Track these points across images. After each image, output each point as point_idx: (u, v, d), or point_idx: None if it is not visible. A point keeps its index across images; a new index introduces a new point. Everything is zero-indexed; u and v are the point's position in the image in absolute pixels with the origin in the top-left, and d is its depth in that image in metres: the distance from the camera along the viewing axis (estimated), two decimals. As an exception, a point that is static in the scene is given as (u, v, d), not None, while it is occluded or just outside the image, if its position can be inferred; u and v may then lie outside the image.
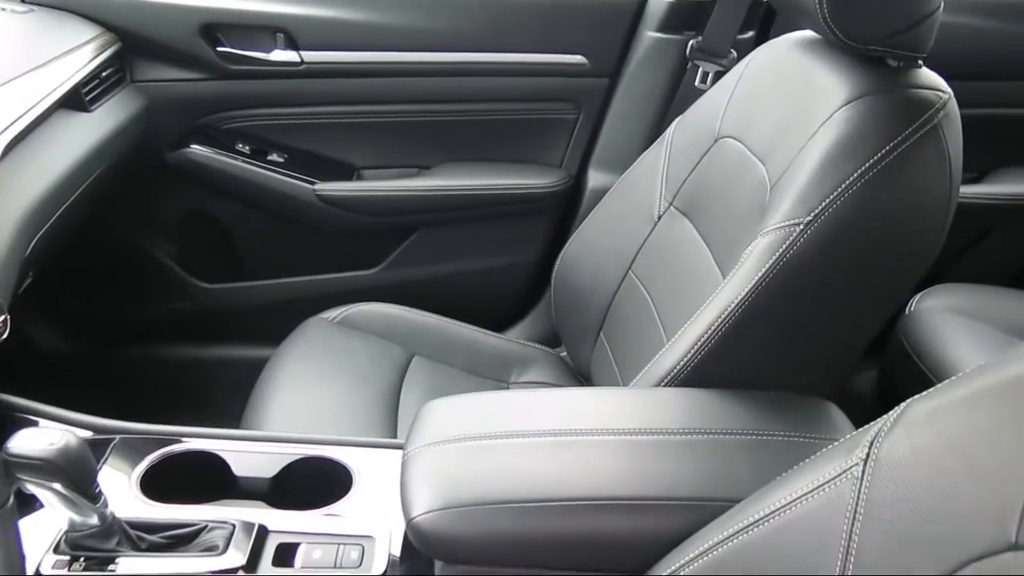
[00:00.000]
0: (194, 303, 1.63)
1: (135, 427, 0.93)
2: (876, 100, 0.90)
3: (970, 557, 0.52)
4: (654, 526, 0.73)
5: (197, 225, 1.60)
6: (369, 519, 0.84)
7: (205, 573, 0.76)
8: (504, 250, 1.66)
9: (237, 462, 0.91)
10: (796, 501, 0.63)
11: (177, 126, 1.51)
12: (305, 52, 1.49)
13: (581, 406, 0.88)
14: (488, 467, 0.78)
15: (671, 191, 1.22)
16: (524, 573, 0.76)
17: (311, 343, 1.32)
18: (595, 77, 1.56)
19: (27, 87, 1.12)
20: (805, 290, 0.89)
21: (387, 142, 1.60)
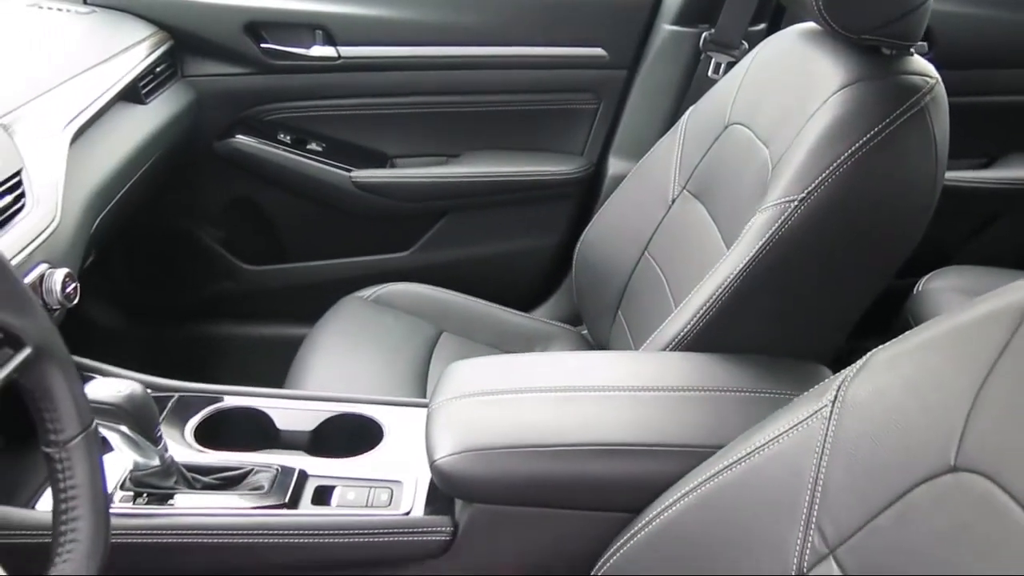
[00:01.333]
0: (238, 284, 1.72)
1: (189, 386, 1.03)
2: (867, 85, 0.96)
3: (916, 480, 0.59)
4: (650, 470, 0.81)
5: (241, 210, 1.69)
6: (397, 467, 0.93)
7: (252, 509, 0.85)
8: (528, 233, 1.72)
9: (280, 417, 1.00)
10: (773, 440, 0.71)
11: (223, 118, 1.60)
12: (342, 48, 1.57)
13: (590, 367, 0.96)
14: (504, 416, 0.86)
15: (684, 175, 1.28)
16: (534, 511, 0.84)
17: (347, 319, 1.41)
18: (614, 69, 1.62)
19: (91, 81, 1.22)
20: (799, 261, 0.95)
21: (418, 131, 1.67)
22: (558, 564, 0.84)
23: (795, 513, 0.66)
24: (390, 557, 0.85)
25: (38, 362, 0.60)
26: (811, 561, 0.65)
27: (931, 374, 0.61)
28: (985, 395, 0.56)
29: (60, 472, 0.60)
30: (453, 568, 0.86)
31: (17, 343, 0.59)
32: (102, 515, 0.61)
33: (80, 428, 0.61)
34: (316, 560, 0.84)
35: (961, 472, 0.56)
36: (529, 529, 0.84)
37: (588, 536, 0.81)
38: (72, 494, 0.60)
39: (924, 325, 0.66)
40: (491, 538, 0.85)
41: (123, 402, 0.79)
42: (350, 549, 0.84)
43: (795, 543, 0.66)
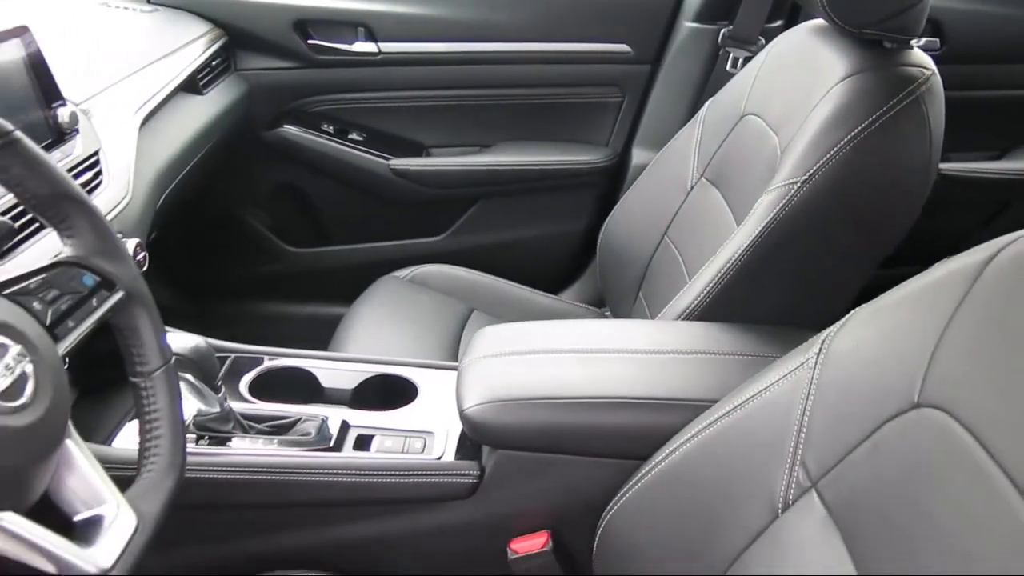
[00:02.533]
0: (283, 265, 1.83)
1: (243, 347, 1.13)
2: (867, 76, 1.04)
3: (886, 417, 0.66)
4: (658, 421, 0.89)
5: (287, 196, 1.80)
6: (430, 420, 1.02)
7: (300, 451, 0.95)
8: (555, 219, 1.80)
9: (324, 376, 1.10)
10: (765, 390, 0.78)
11: (272, 109, 1.71)
12: (382, 44, 1.67)
13: (607, 332, 1.05)
14: (527, 372, 0.95)
15: (703, 164, 1.36)
16: (553, 457, 0.93)
17: (384, 296, 1.51)
18: (638, 64, 1.70)
19: (155, 73, 1.34)
20: (801, 238, 1.03)
21: (452, 122, 1.76)
22: (574, 507, 0.93)
23: (783, 453, 0.74)
24: (422, 496, 0.94)
25: (128, 304, 0.70)
26: (795, 495, 0.73)
27: (901, 325, 0.69)
28: (946, 340, 0.64)
29: (145, 399, 0.71)
30: (479, 509, 0.95)
31: (111, 287, 0.69)
32: (179, 435, 0.71)
33: (162, 362, 0.72)
34: (356, 498, 0.94)
35: (924, 408, 0.63)
36: (548, 474, 0.93)
37: (601, 481, 0.89)
38: (155, 416, 0.70)
39: (901, 285, 0.73)
40: (513, 482, 0.94)
41: (190, 353, 0.90)
42: (387, 488, 0.93)
43: (782, 479, 0.74)
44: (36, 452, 0.56)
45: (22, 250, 0.84)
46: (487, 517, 0.95)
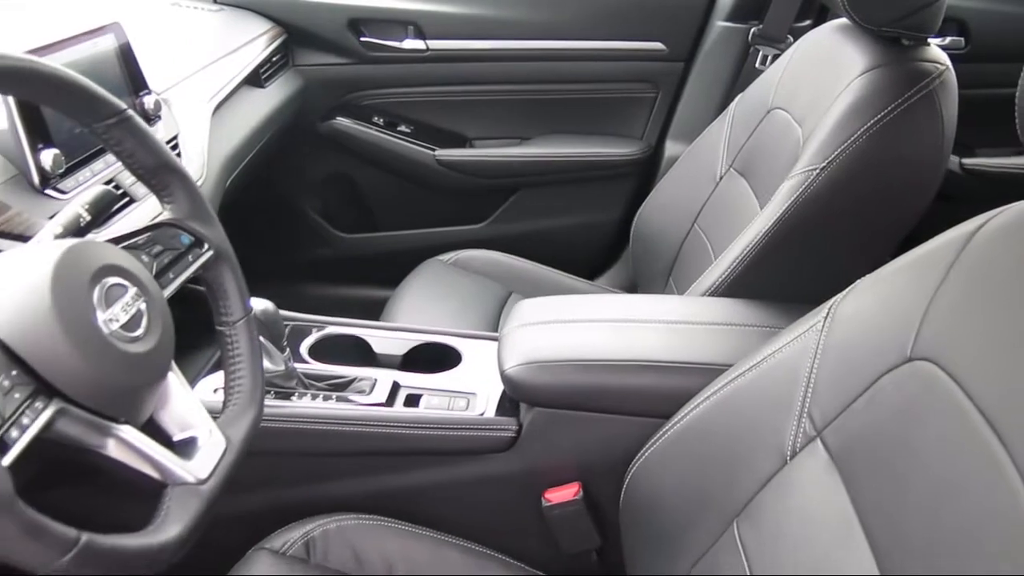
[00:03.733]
0: (333, 249, 1.94)
1: (302, 316, 1.24)
2: (884, 71, 1.11)
3: (883, 371, 0.74)
4: (681, 382, 0.96)
5: (338, 184, 1.91)
6: (473, 383, 1.11)
7: (355, 406, 1.05)
8: (591, 209, 1.89)
9: (376, 343, 1.20)
10: (777, 351, 0.87)
11: (326, 102, 1.82)
12: (430, 41, 1.78)
13: (638, 305, 1.14)
14: (563, 338, 1.04)
15: (731, 155, 1.43)
16: (584, 415, 1.01)
17: (429, 277, 1.60)
18: (672, 61, 1.78)
19: (224, 67, 1.46)
20: (818, 222, 1.11)
21: (495, 116, 1.86)
22: (603, 460, 1.01)
23: (791, 407, 0.82)
24: (465, 449, 1.04)
25: (216, 262, 0.81)
26: (802, 443, 0.80)
27: (898, 289, 0.77)
28: (936, 300, 0.71)
29: (229, 344, 0.81)
30: (516, 461, 1.04)
31: (203, 246, 0.80)
32: (259, 375, 0.81)
33: (243, 313, 0.82)
34: (405, 448, 1.03)
35: (915, 361, 0.71)
36: (579, 430, 1.02)
37: (627, 437, 0.98)
38: (238, 359, 0.81)
39: (898, 257, 0.81)
40: (548, 437, 1.03)
41: (260, 315, 1.00)
42: (433, 440, 1.03)
43: (790, 430, 0.82)
44: (149, 376, 0.67)
45: (124, 215, 0.95)
46: (523, 469, 1.04)
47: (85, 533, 0.56)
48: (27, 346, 0.58)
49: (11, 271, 0.61)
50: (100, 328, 0.62)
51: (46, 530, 0.53)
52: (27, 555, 0.52)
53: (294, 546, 0.97)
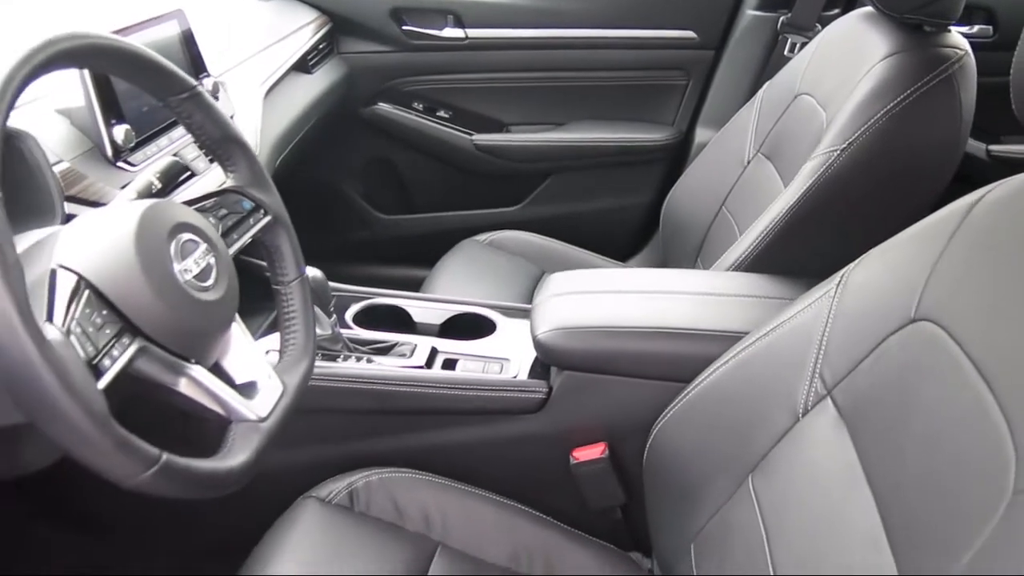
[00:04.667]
0: (374, 231, 2.02)
1: (348, 287, 1.31)
2: (905, 56, 1.16)
3: (889, 332, 0.79)
4: (701, 349, 1.02)
5: (379, 168, 1.99)
6: (506, 349, 1.19)
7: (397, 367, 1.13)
8: (623, 193, 1.94)
9: (416, 313, 1.28)
10: (792, 316, 0.92)
11: (369, 88, 1.89)
12: (469, 30, 1.84)
13: (663, 278, 1.20)
14: (591, 306, 1.11)
15: (759, 140, 1.48)
16: (610, 378, 1.08)
17: (465, 256, 1.67)
18: (703, 49, 1.83)
19: (274, 54, 1.54)
20: (838, 200, 1.16)
21: (530, 102, 1.92)
22: (627, 421, 1.07)
23: (804, 367, 0.88)
24: (499, 409, 1.10)
25: (274, 226, 0.89)
26: (813, 401, 0.86)
27: (904, 257, 0.82)
28: (939, 266, 0.76)
29: (284, 302, 0.89)
30: (546, 422, 1.11)
31: (261, 211, 0.87)
32: (311, 329, 0.89)
33: (297, 274, 0.90)
34: (443, 407, 1.10)
35: (919, 322, 0.76)
36: (606, 393, 1.08)
37: (651, 399, 1.03)
38: (292, 316, 0.89)
39: (906, 229, 0.86)
40: (576, 399, 1.09)
41: (310, 281, 1.08)
42: (469, 400, 1.10)
43: (803, 389, 0.87)
44: (217, 322, 0.74)
45: (187, 186, 1.04)
46: (553, 429, 1.11)
47: (166, 453, 0.63)
48: (115, 290, 0.66)
49: (100, 226, 0.69)
50: (176, 277, 0.70)
51: (134, 446, 0.61)
52: (117, 467, 0.60)
53: (339, 495, 1.04)
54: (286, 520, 1.01)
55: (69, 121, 0.98)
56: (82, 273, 0.65)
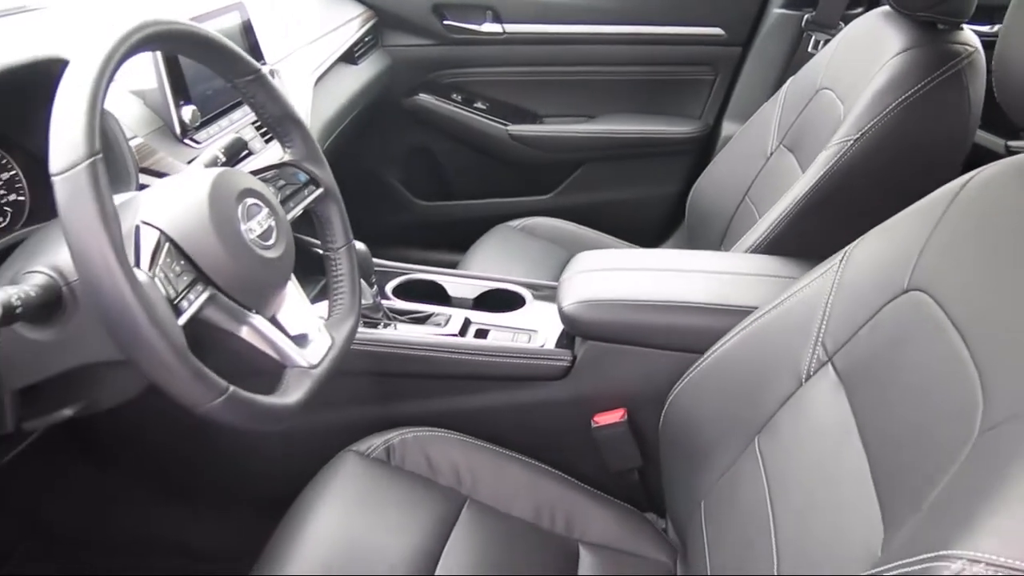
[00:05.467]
0: (412, 215, 2.11)
1: (390, 263, 1.41)
2: (918, 51, 1.22)
3: (884, 302, 0.86)
4: (715, 322, 1.09)
5: (419, 155, 2.08)
6: (535, 321, 1.27)
7: (433, 335, 1.22)
8: (651, 183, 2.01)
9: (451, 288, 1.37)
10: (799, 290, 0.99)
11: (410, 79, 1.98)
12: (507, 25, 1.93)
13: (683, 258, 1.28)
14: (615, 282, 1.19)
15: (782, 133, 1.55)
16: (631, 348, 1.16)
17: (499, 239, 1.76)
18: (730, 46, 1.90)
19: (323, 45, 1.64)
20: (851, 187, 1.22)
21: (564, 95, 2.00)
22: (645, 389, 1.15)
23: (808, 337, 0.95)
24: (526, 375, 1.19)
25: (325, 198, 0.98)
26: (816, 367, 0.93)
27: (900, 233, 0.89)
28: (931, 239, 0.83)
29: (333, 266, 0.99)
30: (570, 388, 1.19)
31: (315, 184, 0.97)
32: (356, 292, 0.98)
33: (345, 241, 0.99)
34: (474, 372, 1.19)
35: (911, 291, 0.83)
36: (626, 362, 1.16)
37: (668, 368, 1.11)
38: (340, 279, 0.98)
39: (908, 207, 0.93)
40: (598, 368, 1.17)
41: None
42: (500, 366, 1.18)
43: (807, 356, 0.94)
44: (277, 278, 0.84)
45: (246, 163, 1.14)
46: (576, 395, 1.19)
47: (232, 386, 0.73)
48: (191, 245, 0.76)
49: (178, 189, 0.79)
50: (243, 235, 0.80)
51: (207, 377, 0.70)
52: (191, 394, 0.70)
53: (376, 450, 1.13)
54: (328, 471, 1.10)
55: (143, 101, 1.09)
56: (163, 229, 0.75)
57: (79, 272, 0.65)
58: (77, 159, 0.64)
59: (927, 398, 0.74)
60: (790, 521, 0.84)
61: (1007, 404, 0.63)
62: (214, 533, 1.33)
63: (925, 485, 0.67)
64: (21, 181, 0.96)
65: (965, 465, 0.64)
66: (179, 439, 1.24)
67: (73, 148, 0.65)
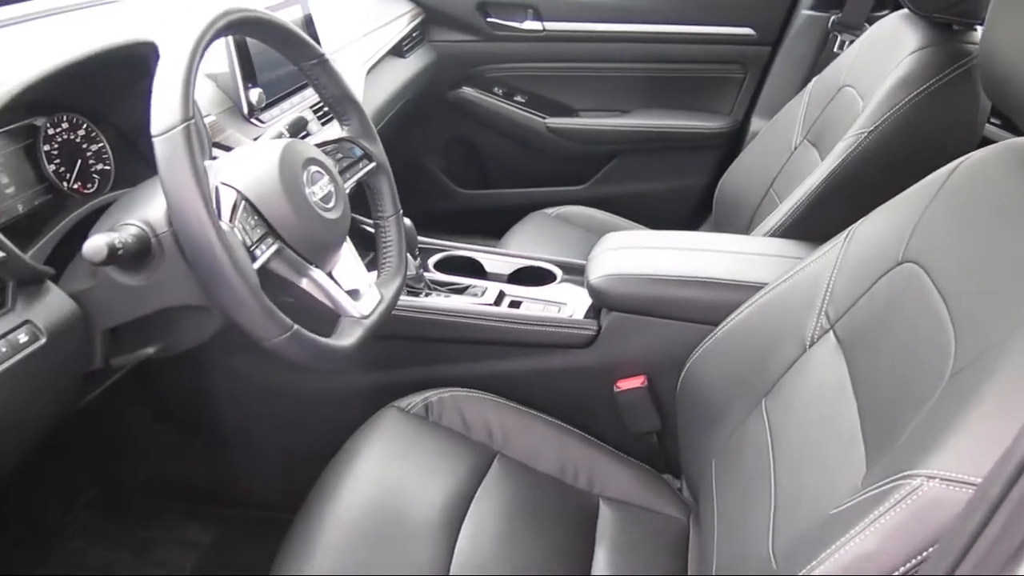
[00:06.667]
0: (453, 203, 2.23)
1: (432, 241, 1.51)
2: (931, 50, 1.30)
3: (881, 273, 0.94)
4: (730, 296, 1.17)
5: (460, 146, 2.19)
6: (565, 295, 1.37)
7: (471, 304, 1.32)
8: (681, 175, 2.10)
9: (487, 264, 1.47)
10: (807, 265, 1.08)
11: (455, 73, 2.10)
12: (547, 23, 2.03)
13: (704, 240, 1.37)
14: (639, 258, 1.28)
15: (806, 128, 1.63)
16: (652, 319, 1.25)
17: (535, 225, 1.86)
18: (760, 46, 1.98)
19: (375, 39, 1.75)
20: (864, 176, 1.30)
21: (600, 90, 2.09)
22: (665, 357, 1.24)
23: (813, 307, 1.03)
24: (555, 342, 1.29)
25: (377, 172, 1.09)
26: (819, 335, 1.01)
27: (899, 211, 0.97)
28: (924, 216, 0.91)
29: (382, 233, 1.10)
30: (594, 356, 1.28)
31: (368, 159, 1.08)
32: (403, 256, 1.09)
33: (393, 211, 1.10)
34: (507, 339, 1.29)
35: (905, 263, 0.91)
36: (647, 332, 1.25)
37: (685, 339, 1.19)
38: (388, 244, 1.09)
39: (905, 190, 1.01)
40: (621, 337, 1.27)
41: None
42: (530, 334, 1.29)
43: (811, 325, 1.03)
44: (335, 237, 0.95)
45: (309, 138, 1.25)
46: (600, 362, 1.28)
47: (297, 325, 0.84)
48: (263, 203, 0.87)
49: (252, 156, 0.91)
50: (307, 198, 0.91)
51: (275, 314, 0.82)
52: (261, 328, 0.81)
53: (416, 407, 1.24)
54: (372, 423, 1.21)
55: (215, 84, 1.21)
56: (240, 189, 0.86)
57: (174, 218, 0.77)
58: (174, 123, 0.76)
59: (910, 354, 0.82)
60: (787, 468, 0.93)
61: (973, 350, 0.72)
62: (267, 483, 1.45)
63: (901, 426, 0.76)
64: (108, 153, 1.09)
65: (934, 404, 0.73)
66: (238, 398, 1.36)
67: (171, 113, 0.76)
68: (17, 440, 0.84)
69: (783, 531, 0.84)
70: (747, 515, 0.96)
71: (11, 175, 0.95)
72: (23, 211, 0.96)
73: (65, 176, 1.01)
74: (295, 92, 1.33)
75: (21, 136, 0.97)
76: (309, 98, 1.35)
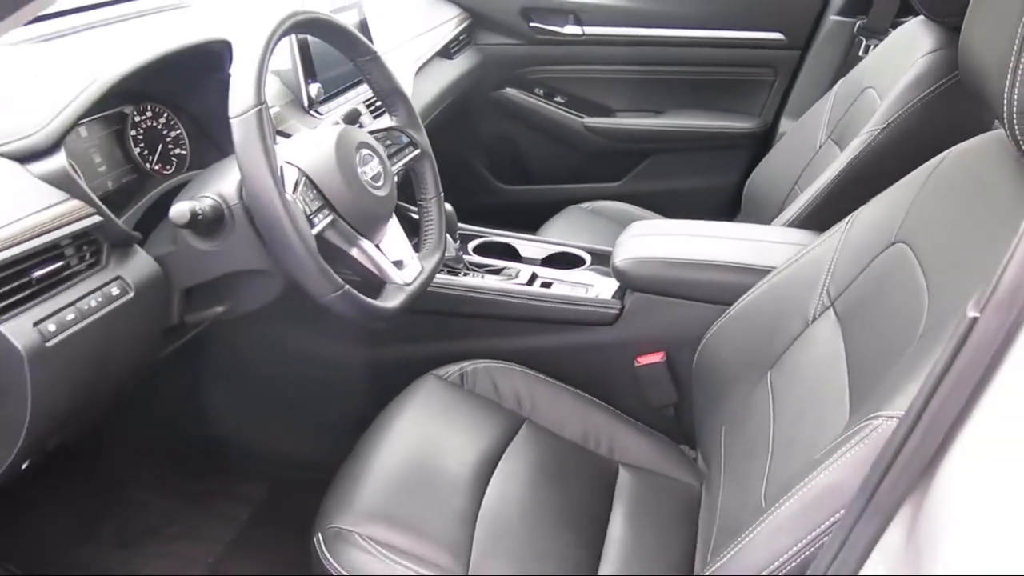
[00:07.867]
0: (495, 197, 2.34)
1: (472, 227, 1.63)
2: (942, 52, 1.38)
3: (876, 254, 1.03)
4: (744, 279, 1.25)
5: (502, 143, 2.30)
6: (592, 278, 1.48)
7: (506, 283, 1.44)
8: (712, 173, 2.19)
9: (522, 249, 1.59)
10: (811, 249, 1.17)
11: (499, 75, 2.21)
12: (587, 27, 2.13)
13: (724, 227, 1.46)
14: (662, 244, 1.38)
15: (830, 128, 1.71)
16: (672, 300, 1.35)
17: (570, 218, 1.97)
18: (790, 50, 2.06)
19: (424, 41, 1.88)
20: (875, 171, 1.38)
21: (635, 91, 2.20)
22: (682, 335, 1.33)
23: (816, 286, 1.12)
24: (581, 320, 1.39)
25: (421, 158, 1.21)
26: (820, 311, 1.10)
27: (894, 197, 1.06)
28: (916, 200, 1.00)
29: (425, 213, 1.22)
30: (618, 334, 1.39)
31: (414, 146, 1.20)
32: (443, 234, 1.21)
33: (435, 194, 1.23)
34: (538, 315, 1.40)
35: (897, 243, 1.00)
36: (667, 312, 1.35)
37: (702, 318, 1.29)
38: (429, 222, 1.21)
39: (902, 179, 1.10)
40: (643, 317, 1.37)
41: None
42: (560, 311, 1.39)
43: (814, 302, 1.12)
44: (383, 212, 1.07)
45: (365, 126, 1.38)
46: (623, 339, 1.39)
47: (348, 285, 0.96)
48: (321, 180, 1.00)
49: (312, 139, 1.04)
50: (359, 176, 1.03)
51: (328, 274, 0.94)
52: (314, 285, 0.93)
53: (452, 375, 1.35)
54: (411, 389, 1.32)
55: (279, 79, 1.34)
56: (301, 167, 0.99)
57: (246, 188, 0.90)
58: (249, 106, 0.89)
59: (892, 321, 0.91)
60: (784, 428, 1.02)
61: (940, 314, 0.81)
62: (313, 444, 1.57)
63: (877, 382, 0.85)
64: (184, 139, 1.23)
65: (902, 361, 0.82)
66: (289, 368, 1.49)
67: (246, 98, 0.90)
68: (110, 381, 0.98)
69: (774, 480, 0.94)
70: (748, 472, 1.05)
71: (103, 156, 1.10)
72: (112, 187, 1.10)
73: (148, 158, 1.16)
74: (350, 88, 1.46)
75: (112, 122, 1.12)
76: (362, 94, 1.48)
